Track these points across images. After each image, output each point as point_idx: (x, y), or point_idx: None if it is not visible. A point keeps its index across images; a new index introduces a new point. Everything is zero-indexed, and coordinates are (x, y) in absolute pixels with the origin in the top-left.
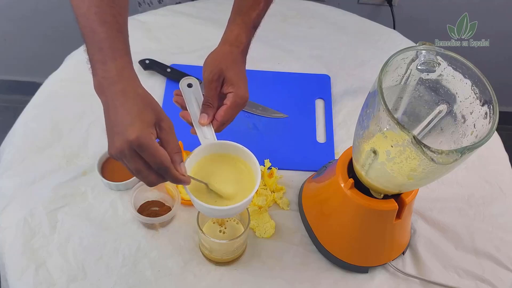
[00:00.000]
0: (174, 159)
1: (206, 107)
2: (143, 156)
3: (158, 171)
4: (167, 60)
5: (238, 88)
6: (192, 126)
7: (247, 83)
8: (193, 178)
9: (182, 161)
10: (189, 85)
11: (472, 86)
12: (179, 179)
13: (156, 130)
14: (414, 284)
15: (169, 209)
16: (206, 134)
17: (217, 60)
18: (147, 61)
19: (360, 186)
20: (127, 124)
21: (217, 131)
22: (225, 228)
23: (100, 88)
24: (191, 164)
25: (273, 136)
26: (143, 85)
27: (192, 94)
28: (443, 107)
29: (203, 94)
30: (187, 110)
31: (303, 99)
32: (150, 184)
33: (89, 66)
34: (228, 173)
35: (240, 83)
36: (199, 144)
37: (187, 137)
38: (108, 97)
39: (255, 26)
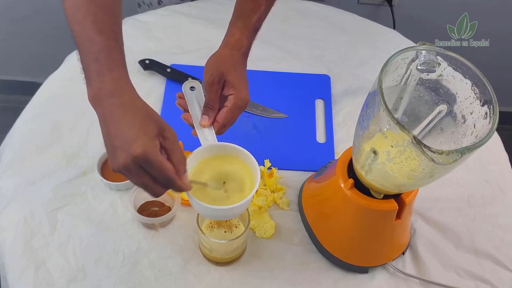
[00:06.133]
0: (178, 169)
1: (207, 109)
2: (149, 171)
3: (164, 183)
4: (167, 60)
5: (239, 90)
6: (194, 128)
7: (247, 86)
8: (194, 182)
9: (185, 171)
10: (192, 88)
11: (472, 86)
12: (183, 189)
13: (159, 140)
14: (414, 284)
15: (169, 209)
16: (207, 136)
17: (218, 63)
18: (147, 61)
19: (360, 186)
20: (131, 138)
21: (218, 133)
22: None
23: (96, 100)
24: (191, 164)
25: (273, 136)
26: (143, 86)
27: (194, 97)
28: (443, 107)
29: (204, 96)
30: (189, 112)
31: (303, 99)
32: (156, 195)
33: (83, 76)
34: (228, 174)
35: (241, 86)
36: (200, 145)
37: (188, 139)
38: (106, 109)
39: (256, 29)
